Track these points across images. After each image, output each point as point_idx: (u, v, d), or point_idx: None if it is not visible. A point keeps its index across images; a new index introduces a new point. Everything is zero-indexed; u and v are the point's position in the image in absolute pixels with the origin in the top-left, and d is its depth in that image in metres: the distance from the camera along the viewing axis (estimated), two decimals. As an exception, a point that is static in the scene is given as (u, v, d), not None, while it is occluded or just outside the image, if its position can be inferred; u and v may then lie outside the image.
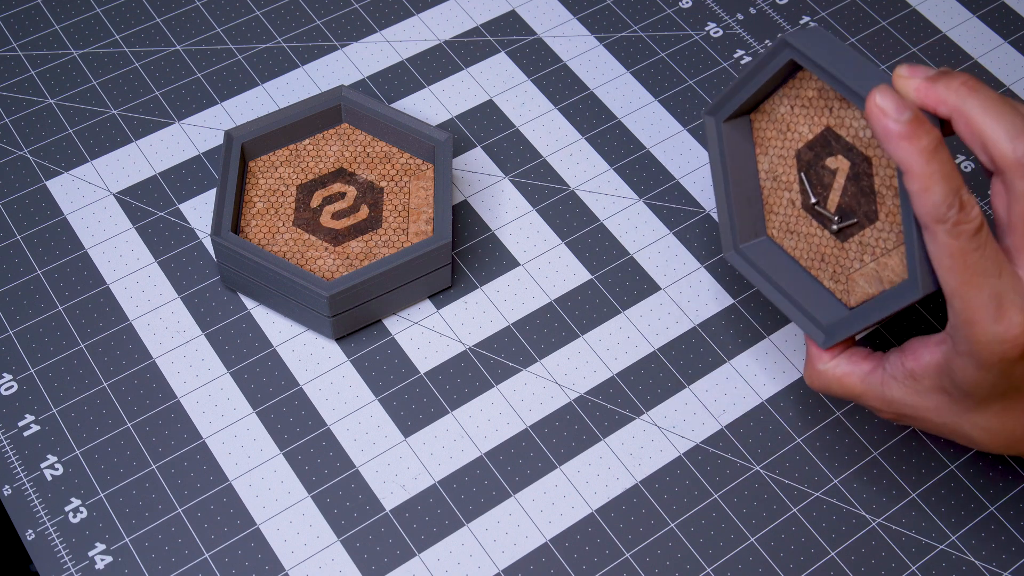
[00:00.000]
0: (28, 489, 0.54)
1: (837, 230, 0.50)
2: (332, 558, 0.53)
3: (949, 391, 0.48)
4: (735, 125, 0.53)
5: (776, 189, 0.52)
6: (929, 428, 0.50)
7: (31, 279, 0.60)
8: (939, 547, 0.54)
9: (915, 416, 0.50)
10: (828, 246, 0.51)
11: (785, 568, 0.53)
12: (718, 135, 0.53)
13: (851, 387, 0.51)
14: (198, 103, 0.66)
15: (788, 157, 0.52)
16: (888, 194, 0.48)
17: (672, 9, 0.71)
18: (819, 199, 0.51)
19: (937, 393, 0.48)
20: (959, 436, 0.50)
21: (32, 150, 0.64)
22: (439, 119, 0.66)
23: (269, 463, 0.55)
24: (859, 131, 0.49)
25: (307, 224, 0.59)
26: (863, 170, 0.49)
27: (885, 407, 0.50)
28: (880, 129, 0.45)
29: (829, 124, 0.50)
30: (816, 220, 0.51)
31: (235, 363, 0.58)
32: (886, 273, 0.49)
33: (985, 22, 0.71)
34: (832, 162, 0.50)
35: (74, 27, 0.69)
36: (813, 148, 0.51)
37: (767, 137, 0.53)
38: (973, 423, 0.48)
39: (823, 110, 0.50)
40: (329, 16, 0.70)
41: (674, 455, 0.56)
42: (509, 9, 0.71)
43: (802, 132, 0.51)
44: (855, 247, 0.50)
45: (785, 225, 0.52)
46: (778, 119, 0.52)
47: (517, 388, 0.57)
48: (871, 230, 0.50)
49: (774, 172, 0.52)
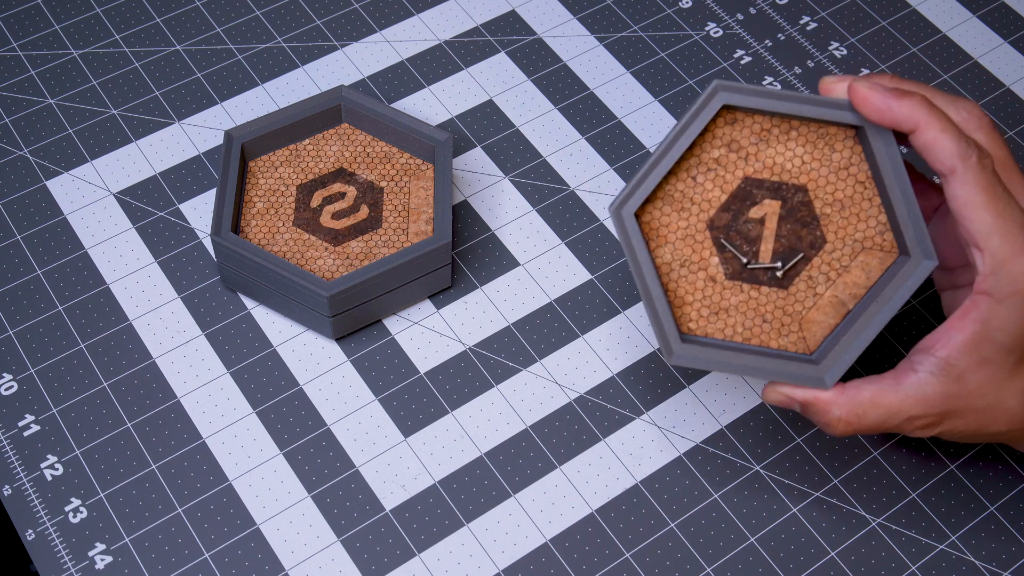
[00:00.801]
0: (28, 489, 0.54)
1: (783, 276, 0.48)
2: (332, 558, 0.53)
3: (990, 358, 0.46)
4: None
5: (687, 275, 0.48)
6: (970, 426, 0.48)
7: (31, 279, 0.60)
8: (939, 547, 0.54)
9: (955, 410, 0.47)
10: (768, 303, 0.49)
11: (785, 568, 0.53)
12: (632, 231, 0.48)
13: (888, 404, 0.47)
14: (198, 103, 0.66)
15: (698, 233, 0.49)
16: (834, 211, 0.48)
17: (672, 9, 0.71)
18: (750, 257, 0.48)
19: (977, 370, 0.46)
20: (1000, 418, 0.47)
21: (32, 150, 0.64)
22: (439, 119, 0.66)
23: (269, 463, 0.55)
24: (785, 164, 0.48)
25: (307, 224, 0.59)
26: (798, 201, 0.48)
27: (927, 409, 0.47)
28: (877, 102, 0.45)
29: (747, 174, 0.48)
30: (748, 282, 0.48)
31: (235, 363, 0.58)
32: (849, 291, 0.48)
33: (985, 22, 0.71)
34: (757, 211, 0.48)
35: (74, 27, 0.69)
36: (729, 208, 0.48)
37: (664, 224, 0.49)
38: (1019, 389, 0.47)
39: (737, 163, 0.48)
40: (329, 16, 0.70)
41: (674, 455, 0.56)
42: (509, 9, 0.71)
43: (713, 197, 0.48)
44: (803, 286, 0.48)
45: (708, 308, 0.48)
46: (677, 198, 0.48)
47: (517, 388, 0.57)
48: (820, 258, 0.48)
49: (680, 258, 0.48)
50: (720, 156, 0.47)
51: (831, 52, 0.70)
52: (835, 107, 0.47)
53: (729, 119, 0.47)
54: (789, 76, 0.68)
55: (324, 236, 0.58)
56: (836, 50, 0.70)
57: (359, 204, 0.59)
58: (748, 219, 0.48)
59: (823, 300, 0.48)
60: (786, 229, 0.48)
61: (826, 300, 0.48)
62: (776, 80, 0.68)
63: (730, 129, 0.47)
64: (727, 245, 0.48)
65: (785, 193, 0.47)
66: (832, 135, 0.47)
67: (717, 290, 0.48)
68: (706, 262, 0.48)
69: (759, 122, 0.48)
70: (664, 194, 0.47)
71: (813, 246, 0.48)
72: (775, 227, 0.48)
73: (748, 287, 0.48)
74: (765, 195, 0.47)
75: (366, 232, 0.58)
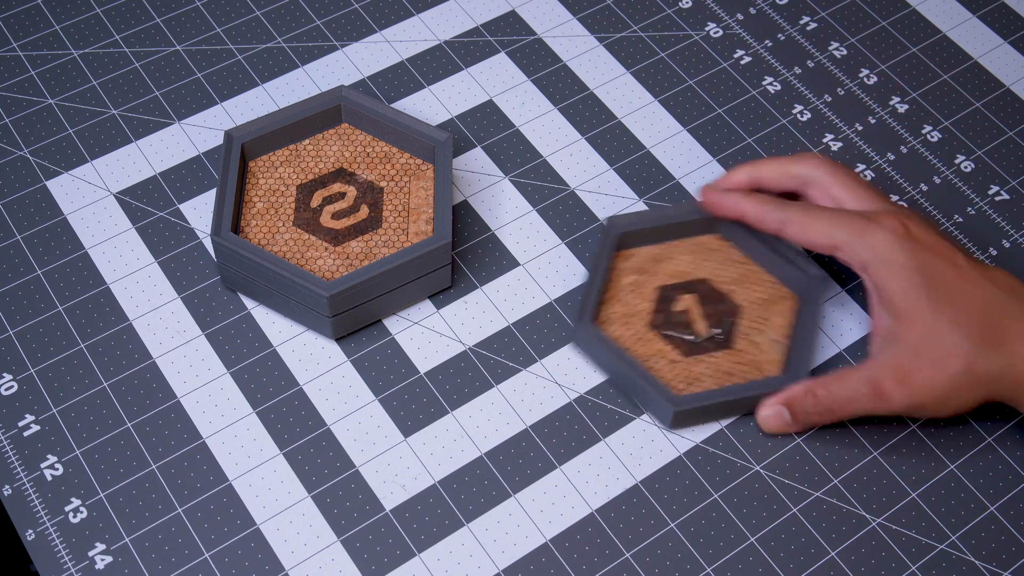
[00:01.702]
0: (28, 489, 0.54)
1: (725, 339, 0.57)
2: (332, 558, 0.53)
3: (902, 310, 0.53)
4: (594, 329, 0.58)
5: (654, 365, 0.57)
6: (931, 373, 0.53)
7: (31, 279, 0.60)
8: (939, 547, 0.54)
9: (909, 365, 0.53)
10: (725, 361, 0.57)
11: (785, 568, 0.53)
12: (598, 338, 0.56)
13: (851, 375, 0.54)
14: (198, 103, 0.66)
15: (646, 335, 0.57)
16: (733, 286, 0.59)
17: (672, 9, 0.71)
18: (694, 336, 0.57)
19: (902, 324, 0.53)
20: (951, 353, 0.52)
21: (32, 150, 0.64)
22: (439, 119, 0.66)
23: (269, 463, 0.55)
24: (682, 267, 0.59)
25: (307, 224, 0.59)
26: (705, 289, 0.59)
27: (883, 371, 0.53)
28: (713, 207, 0.59)
29: (658, 285, 0.59)
30: (702, 353, 0.57)
31: (235, 363, 0.58)
32: (780, 332, 0.58)
33: (985, 22, 0.71)
34: (680, 305, 0.58)
35: (74, 27, 0.69)
36: (660, 310, 0.58)
37: (617, 337, 0.57)
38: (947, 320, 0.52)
39: (648, 280, 0.59)
40: (329, 16, 0.70)
41: (674, 455, 0.56)
42: (509, 9, 0.71)
43: (643, 308, 0.58)
44: (743, 341, 0.57)
45: (684, 380, 0.56)
46: (618, 318, 0.58)
47: (517, 388, 0.57)
48: (743, 319, 0.58)
49: (642, 356, 0.57)
50: (634, 280, 0.59)
51: (831, 52, 0.70)
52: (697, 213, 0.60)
53: (627, 255, 0.60)
54: (789, 76, 0.68)
55: (324, 236, 0.58)
56: (836, 50, 0.70)
57: (359, 204, 0.59)
58: (676, 312, 0.58)
59: (764, 345, 0.57)
60: (708, 309, 0.58)
61: (767, 344, 0.57)
62: (776, 80, 0.68)
63: (631, 263, 0.59)
64: (672, 335, 0.57)
65: (693, 287, 0.59)
66: (702, 240, 0.60)
67: (683, 367, 0.57)
68: (663, 351, 0.57)
69: (650, 251, 0.60)
70: (606, 318, 0.58)
71: (734, 313, 0.58)
72: (699, 310, 0.58)
73: (705, 356, 0.57)
74: (680, 292, 0.59)
75: (366, 232, 0.58)
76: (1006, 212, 0.64)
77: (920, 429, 0.57)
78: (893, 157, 0.65)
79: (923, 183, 0.64)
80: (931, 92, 0.68)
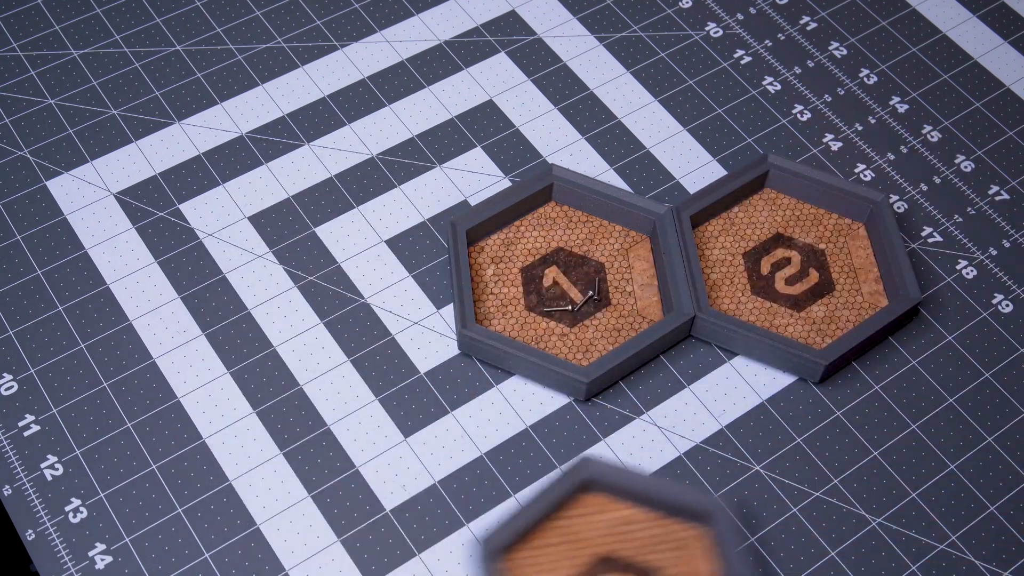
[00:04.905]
0: (28, 489, 0.54)
1: (599, 297, 0.58)
2: (332, 558, 0.53)
3: None
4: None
5: (554, 344, 0.56)
6: None
7: (31, 279, 0.60)
8: (939, 547, 0.54)
9: None
10: (609, 320, 0.57)
11: (785, 568, 0.53)
12: (488, 338, 0.56)
13: None
14: (198, 103, 0.66)
15: (527, 318, 0.57)
16: (590, 246, 0.59)
17: (672, 9, 0.71)
18: (572, 305, 0.58)
19: None
20: None
21: (32, 150, 0.64)
22: (439, 119, 0.66)
23: (269, 463, 0.55)
24: (534, 243, 0.59)
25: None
26: (565, 257, 0.59)
27: None
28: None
29: (519, 267, 0.58)
30: (584, 320, 0.56)
31: (235, 363, 0.58)
32: (643, 276, 0.58)
33: (985, 22, 0.71)
34: (547, 279, 0.58)
35: (74, 27, 0.69)
36: (531, 291, 0.58)
37: (500, 329, 0.57)
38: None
39: (508, 264, 0.58)
40: (329, 16, 0.70)
41: (674, 455, 0.56)
42: (509, 9, 0.71)
43: (513, 294, 0.58)
44: (619, 295, 0.57)
45: (580, 352, 0.56)
46: (493, 313, 0.57)
47: (517, 388, 0.57)
48: (608, 274, 0.59)
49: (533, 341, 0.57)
50: (494, 271, 0.59)
51: (831, 52, 0.70)
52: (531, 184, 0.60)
53: (478, 249, 0.59)
54: (789, 76, 0.68)
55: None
56: (836, 50, 0.70)
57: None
58: (547, 288, 0.58)
59: (638, 292, 0.58)
60: (573, 275, 0.59)
61: (639, 291, 0.58)
62: (776, 80, 0.68)
63: (484, 256, 0.59)
64: (551, 310, 0.58)
65: (551, 259, 0.59)
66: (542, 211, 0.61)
67: (573, 337, 0.57)
68: (550, 329, 0.57)
69: (497, 237, 0.60)
70: (484, 316, 0.57)
71: (599, 270, 0.59)
72: (566, 278, 0.58)
73: (589, 321, 0.57)
74: (541, 268, 0.59)
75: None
76: (1006, 212, 0.64)
77: (920, 429, 0.57)
78: (893, 157, 0.65)
79: (923, 183, 0.64)
80: (931, 92, 0.68)
